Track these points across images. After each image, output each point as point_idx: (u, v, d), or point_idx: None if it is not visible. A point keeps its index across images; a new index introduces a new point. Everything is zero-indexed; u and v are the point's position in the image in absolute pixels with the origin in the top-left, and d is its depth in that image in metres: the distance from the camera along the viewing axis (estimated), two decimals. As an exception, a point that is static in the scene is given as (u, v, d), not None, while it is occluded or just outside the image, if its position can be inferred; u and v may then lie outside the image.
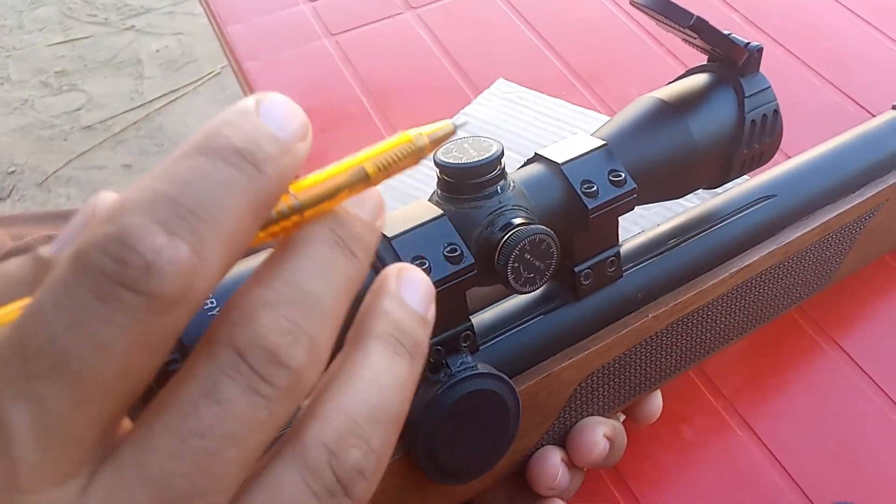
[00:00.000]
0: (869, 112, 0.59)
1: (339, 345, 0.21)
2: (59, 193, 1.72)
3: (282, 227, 0.20)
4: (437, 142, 0.22)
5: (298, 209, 0.20)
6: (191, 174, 0.17)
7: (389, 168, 0.21)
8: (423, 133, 0.21)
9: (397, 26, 0.73)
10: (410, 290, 0.23)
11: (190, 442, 0.17)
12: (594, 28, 0.71)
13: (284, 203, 0.19)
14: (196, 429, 0.18)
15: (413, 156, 0.21)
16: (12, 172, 1.78)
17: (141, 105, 1.90)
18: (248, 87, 0.70)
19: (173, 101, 1.90)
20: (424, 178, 0.57)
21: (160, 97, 1.91)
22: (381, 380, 0.21)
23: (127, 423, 0.19)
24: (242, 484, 0.19)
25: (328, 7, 0.76)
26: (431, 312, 0.23)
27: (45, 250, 0.20)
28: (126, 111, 1.88)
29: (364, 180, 0.21)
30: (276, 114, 0.18)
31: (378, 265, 0.29)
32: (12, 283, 0.20)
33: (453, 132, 0.22)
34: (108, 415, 0.17)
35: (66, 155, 1.79)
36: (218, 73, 1.95)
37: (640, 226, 0.37)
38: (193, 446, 0.17)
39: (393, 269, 0.23)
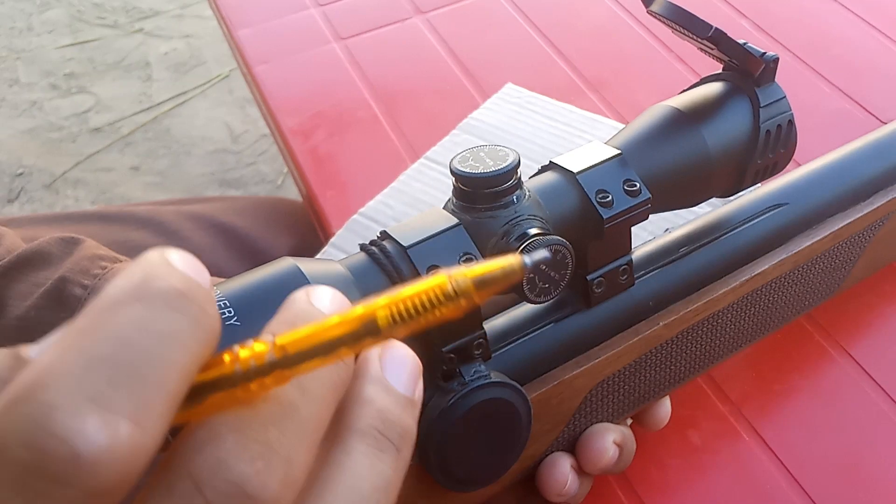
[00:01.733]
0: (878, 119, 0.59)
1: None
2: (67, 195, 1.72)
3: (260, 385, 0.16)
4: (487, 285, 0.16)
5: (277, 365, 0.16)
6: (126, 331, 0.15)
7: (412, 320, 0.16)
8: (466, 274, 0.16)
9: (406, 31, 0.73)
10: (396, 371, 0.20)
11: None
12: (603, 33, 0.71)
13: (261, 356, 0.16)
14: None
15: (449, 305, 0.16)
16: (20, 174, 1.78)
17: (149, 107, 1.90)
18: (257, 90, 0.70)
19: (181, 103, 1.90)
20: (432, 181, 0.57)
21: (168, 100, 1.91)
22: (363, 486, 0.19)
23: None
24: None
25: (337, 11, 0.76)
26: (419, 391, 0.21)
27: (26, 351, 0.17)
28: (134, 113, 1.89)
29: (373, 335, 0.16)
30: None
31: (393, 273, 0.29)
32: None
33: (521, 272, 0.16)
34: None
35: (74, 157, 1.80)
36: (226, 76, 1.95)
37: (648, 231, 0.37)
38: None
39: (375, 350, 0.21)
